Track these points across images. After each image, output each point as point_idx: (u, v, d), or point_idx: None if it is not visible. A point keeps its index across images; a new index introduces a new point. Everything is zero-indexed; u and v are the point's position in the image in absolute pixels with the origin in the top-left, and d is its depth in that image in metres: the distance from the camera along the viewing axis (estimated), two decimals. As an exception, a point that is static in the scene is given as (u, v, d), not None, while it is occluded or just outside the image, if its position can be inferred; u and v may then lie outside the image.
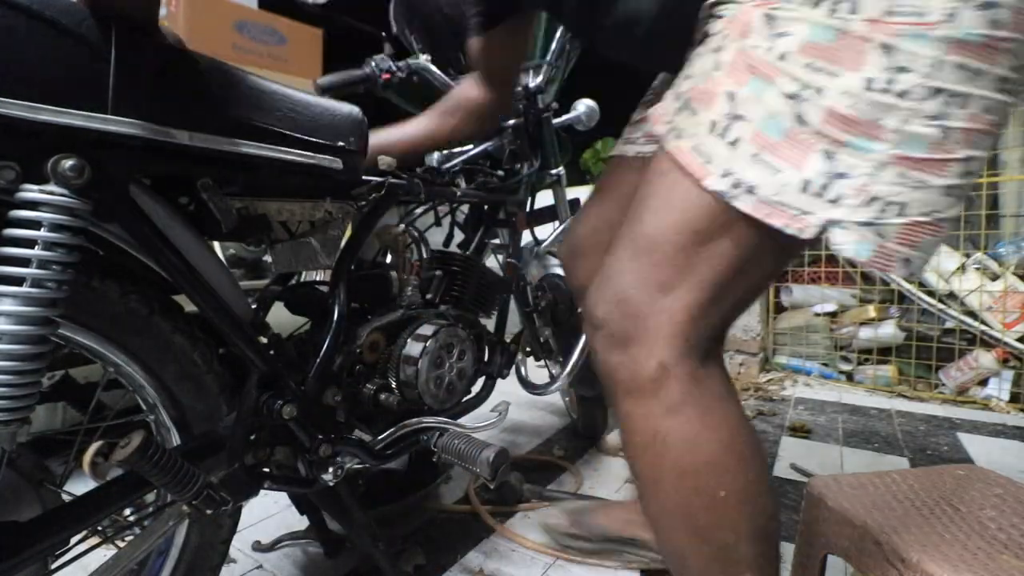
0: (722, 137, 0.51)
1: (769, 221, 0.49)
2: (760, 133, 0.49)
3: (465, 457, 0.81)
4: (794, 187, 0.48)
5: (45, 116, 0.48)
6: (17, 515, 0.61)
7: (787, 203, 0.48)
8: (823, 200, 0.47)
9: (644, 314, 0.54)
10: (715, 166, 0.51)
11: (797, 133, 0.47)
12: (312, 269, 0.90)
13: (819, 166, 0.47)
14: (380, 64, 1.13)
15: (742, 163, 0.50)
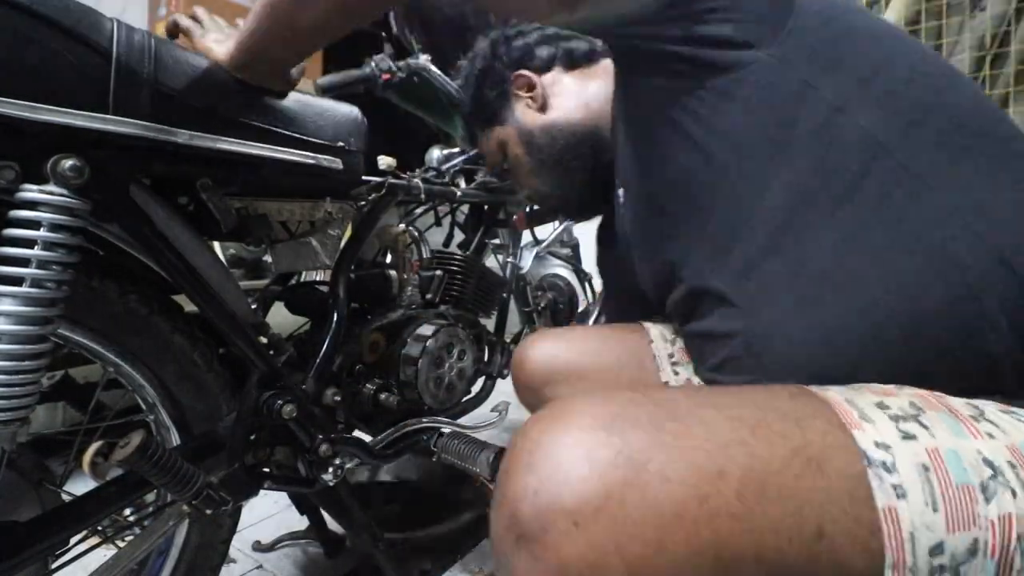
0: (895, 422, 0.37)
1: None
2: (940, 456, 0.35)
3: (465, 457, 0.81)
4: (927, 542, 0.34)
5: (45, 116, 0.48)
6: (17, 515, 0.61)
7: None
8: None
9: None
10: (871, 427, 0.37)
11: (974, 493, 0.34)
12: (312, 269, 0.90)
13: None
14: (380, 64, 1.12)
15: (905, 462, 0.35)
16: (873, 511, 0.34)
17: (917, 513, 0.34)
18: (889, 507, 0.34)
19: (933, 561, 0.34)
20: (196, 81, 0.59)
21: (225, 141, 0.60)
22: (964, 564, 0.34)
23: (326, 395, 0.78)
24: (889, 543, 0.33)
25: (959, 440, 0.36)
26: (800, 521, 0.33)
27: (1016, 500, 0.34)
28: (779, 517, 0.33)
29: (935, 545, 0.34)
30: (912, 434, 0.36)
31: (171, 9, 1.91)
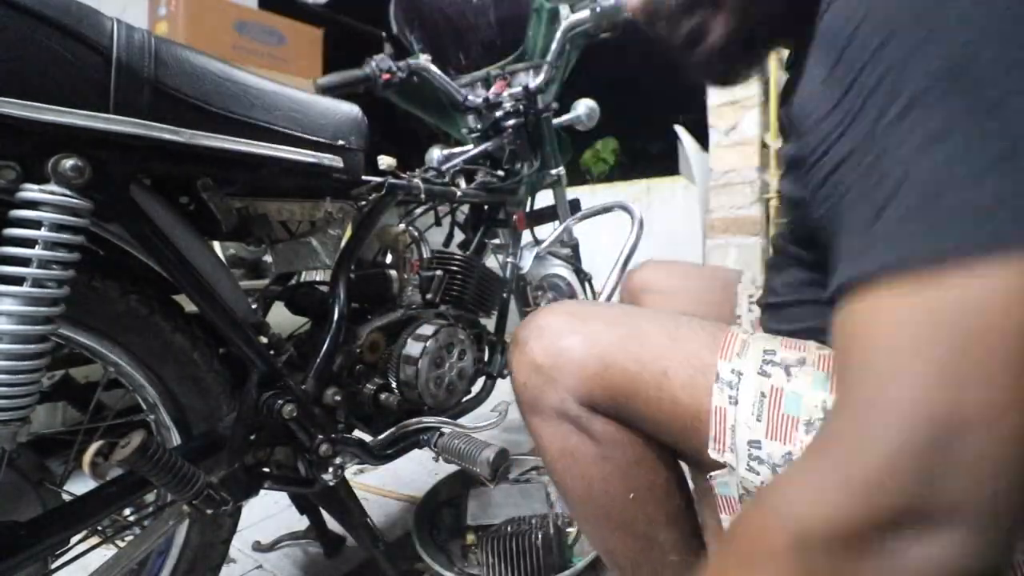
0: (764, 363, 0.51)
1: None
2: (781, 392, 0.50)
3: (465, 457, 0.81)
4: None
5: (46, 116, 0.48)
6: (17, 515, 0.61)
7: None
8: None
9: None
10: (738, 360, 0.52)
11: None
12: (312, 269, 0.90)
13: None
14: (380, 64, 1.12)
15: (749, 386, 0.51)
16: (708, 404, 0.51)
17: (742, 414, 0.49)
18: (720, 407, 0.50)
19: (752, 451, 0.48)
20: (197, 80, 0.59)
21: (226, 140, 0.60)
22: (781, 467, 0.47)
23: (326, 395, 0.78)
24: (713, 422, 0.50)
25: (812, 391, 0.47)
26: (655, 359, 0.54)
27: None
28: (645, 353, 0.55)
29: (754, 440, 0.48)
30: (768, 373, 0.50)
31: (171, 9, 1.91)
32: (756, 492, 0.50)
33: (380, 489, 1.39)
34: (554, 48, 1.26)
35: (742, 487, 0.50)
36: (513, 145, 1.23)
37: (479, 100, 1.27)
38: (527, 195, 1.34)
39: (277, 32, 2.14)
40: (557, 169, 1.41)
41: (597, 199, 1.46)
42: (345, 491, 0.85)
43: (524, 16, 1.35)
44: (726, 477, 0.51)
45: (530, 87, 1.26)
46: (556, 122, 1.39)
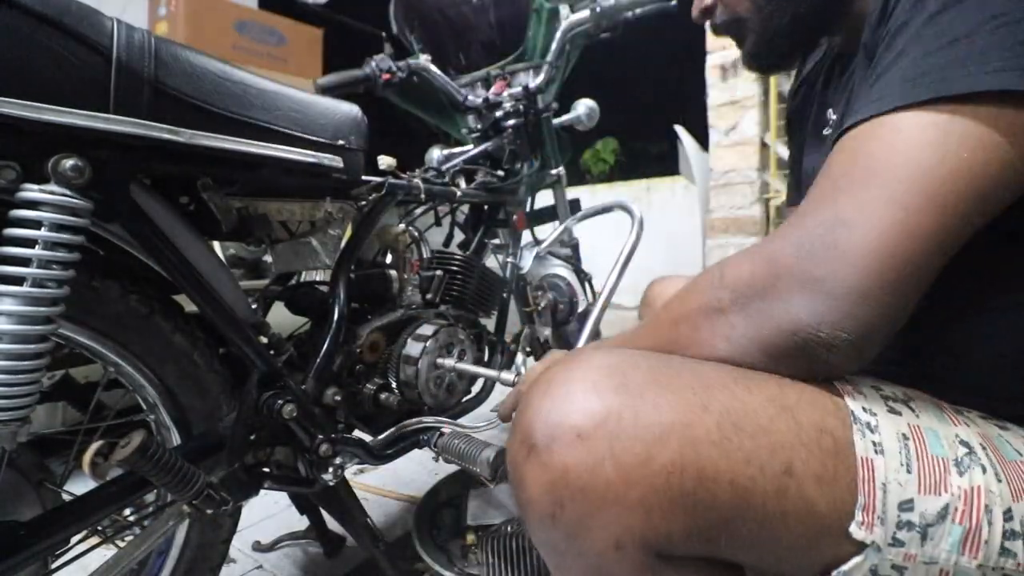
0: (884, 400, 0.43)
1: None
2: (920, 430, 0.41)
3: (465, 457, 0.81)
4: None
5: (46, 116, 0.47)
6: (17, 515, 0.61)
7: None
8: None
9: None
10: (861, 398, 0.42)
11: None
12: (312, 269, 0.90)
13: None
14: (380, 64, 1.12)
15: (888, 428, 0.40)
16: (849, 459, 0.39)
17: (892, 470, 0.38)
18: (866, 458, 0.39)
19: (902, 516, 0.38)
20: (197, 80, 0.59)
21: (226, 140, 0.60)
22: (933, 526, 0.38)
23: (326, 395, 0.78)
24: (862, 487, 0.38)
25: (940, 424, 0.41)
26: (771, 455, 0.38)
27: (985, 475, 0.38)
28: (752, 449, 0.37)
29: (905, 500, 0.38)
30: (898, 411, 0.42)
31: (171, 9, 1.91)
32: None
33: (380, 489, 1.39)
34: (554, 48, 1.26)
35: (872, 572, 0.38)
36: (513, 145, 1.23)
37: (479, 100, 1.27)
38: (527, 195, 1.34)
39: (277, 32, 2.14)
40: (557, 169, 1.41)
41: (597, 199, 1.46)
42: (345, 491, 0.85)
43: (524, 16, 1.35)
44: (858, 567, 0.38)
45: (530, 87, 1.26)
46: (556, 122, 1.39)
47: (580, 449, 0.37)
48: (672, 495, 0.36)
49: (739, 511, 0.37)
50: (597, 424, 0.37)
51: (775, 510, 0.37)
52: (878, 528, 0.38)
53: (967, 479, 0.38)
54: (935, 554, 0.38)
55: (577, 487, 0.36)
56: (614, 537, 0.37)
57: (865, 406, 0.41)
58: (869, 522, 0.38)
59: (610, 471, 0.36)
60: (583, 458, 0.36)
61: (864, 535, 0.38)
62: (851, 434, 0.39)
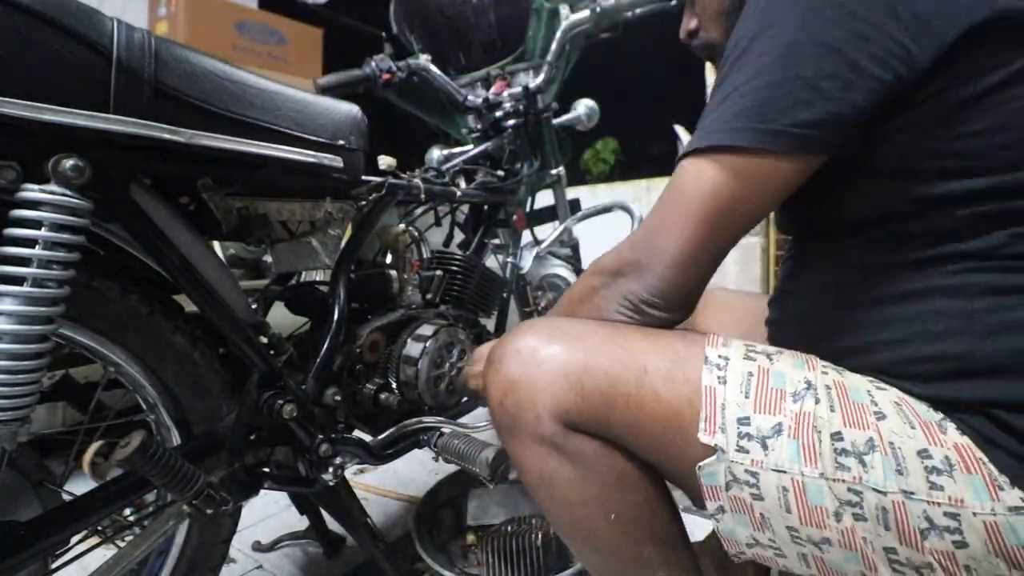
0: (747, 349, 0.55)
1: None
2: (767, 371, 0.53)
3: (465, 457, 0.81)
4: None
5: (46, 116, 0.48)
6: (17, 515, 0.61)
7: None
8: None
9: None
10: (724, 348, 0.55)
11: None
12: (312, 269, 0.90)
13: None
14: (380, 64, 1.12)
15: (736, 368, 0.53)
16: (696, 383, 0.52)
17: (732, 393, 0.52)
18: (710, 386, 0.52)
19: (741, 428, 0.50)
20: (197, 80, 0.59)
21: (226, 140, 0.60)
22: (770, 439, 0.49)
23: (326, 395, 0.78)
24: (704, 403, 0.52)
25: (793, 370, 0.53)
26: (634, 358, 0.55)
27: (817, 405, 0.49)
28: (622, 354, 0.55)
29: (743, 416, 0.51)
30: (753, 358, 0.54)
31: (171, 9, 1.91)
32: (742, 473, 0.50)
33: (380, 489, 1.39)
34: (554, 48, 1.26)
35: (729, 472, 0.50)
36: (513, 145, 1.23)
37: (479, 100, 1.27)
38: (527, 195, 1.34)
39: (277, 32, 2.14)
40: (557, 169, 1.41)
41: (597, 199, 1.46)
42: (345, 491, 0.85)
43: (524, 16, 1.35)
44: (713, 466, 0.51)
45: (530, 87, 1.26)
46: (556, 122, 1.39)
47: (518, 360, 0.56)
48: (569, 381, 0.54)
49: (611, 393, 0.54)
50: (530, 347, 0.57)
51: (635, 395, 0.53)
52: (720, 435, 0.51)
53: (798, 405, 0.50)
54: (779, 462, 0.49)
55: (513, 380, 0.56)
56: (535, 411, 0.55)
57: (721, 353, 0.55)
58: (711, 430, 0.51)
59: (534, 370, 0.55)
60: (518, 366, 0.56)
61: (708, 439, 0.51)
62: (700, 370, 0.53)
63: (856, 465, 0.47)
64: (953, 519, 0.44)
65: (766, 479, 0.49)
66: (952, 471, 0.45)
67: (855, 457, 0.47)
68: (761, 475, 0.49)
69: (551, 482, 0.56)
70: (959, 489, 0.44)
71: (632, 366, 0.54)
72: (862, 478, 0.46)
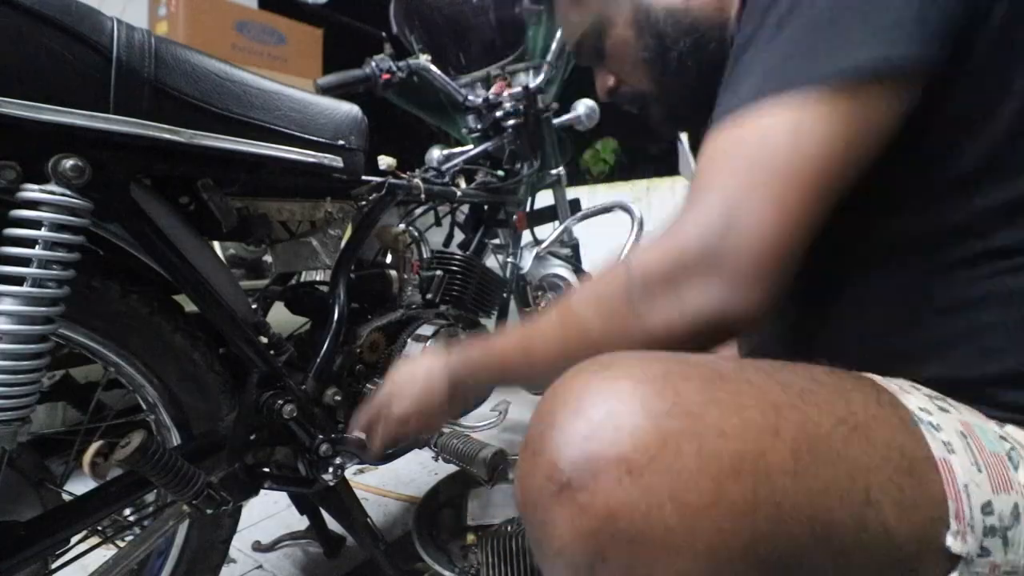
0: (929, 398, 0.41)
1: None
2: (971, 427, 0.39)
3: (463, 457, 0.81)
4: None
5: (46, 116, 0.48)
6: (17, 515, 0.61)
7: None
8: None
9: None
10: (913, 398, 0.39)
11: None
12: (312, 269, 0.90)
13: None
14: (380, 64, 1.12)
15: (948, 426, 0.38)
16: (927, 465, 0.35)
17: (966, 469, 0.35)
18: (943, 459, 0.35)
19: (986, 520, 0.35)
20: (197, 80, 0.59)
21: (226, 140, 0.60)
22: (1011, 529, 0.35)
23: (326, 395, 0.78)
24: (949, 490, 0.35)
25: (978, 418, 0.40)
26: (850, 484, 0.33)
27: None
28: (831, 478, 0.33)
29: (986, 503, 0.35)
30: (946, 408, 0.40)
31: (171, 9, 1.91)
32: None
33: (380, 489, 1.39)
34: (554, 48, 1.26)
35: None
36: (513, 145, 1.23)
37: (479, 100, 1.27)
38: (527, 195, 1.34)
39: (277, 32, 2.14)
40: (557, 169, 1.41)
41: (597, 199, 1.46)
42: (345, 491, 0.85)
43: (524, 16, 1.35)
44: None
45: (530, 87, 1.26)
46: (556, 122, 1.39)
47: (631, 488, 0.30)
48: (744, 539, 0.30)
49: (817, 548, 0.33)
50: (652, 457, 0.30)
51: (854, 543, 0.33)
52: (970, 537, 0.34)
53: (1022, 473, 0.36)
54: (1016, 560, 0.35)
55: (627, 535, 0.30)
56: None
57: (921, 406, 0.38)
58: (963, 531, 0.34)
59: (670, 515, 0.30)
60: (635, 500, 0.30)
61: (960, 547, 0.34)
62: (923, 437, 0.36)
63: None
64: None
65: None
66: None
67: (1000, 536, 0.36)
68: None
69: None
70: None
71: (849, 498, 0.33)
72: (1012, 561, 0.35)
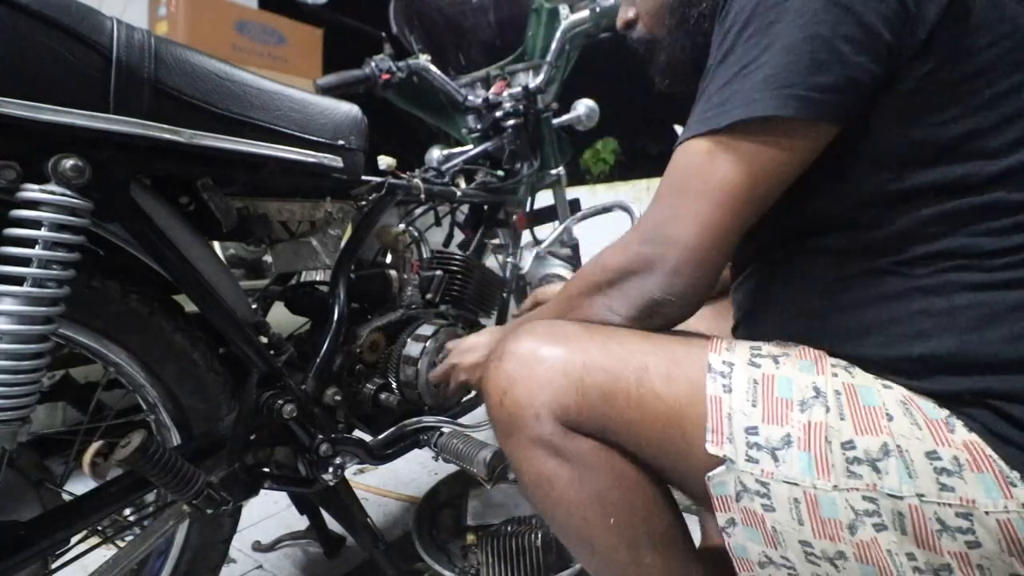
0: (751, 355, 0.54)
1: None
2: (772, 379, 0.52)
3: (462, 457, 0.81)
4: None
5: (46, 116, 0.48)
6: (17, 515, 0.61)
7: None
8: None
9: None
10: (727, 354, 0.54)
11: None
12: (312, 269, 0.90)
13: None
14: (380, 64, 1.12)
15: (741, 375, 0.52)
16: (699, 393, 0.52)
17: (738, 402, 0.50)
18: (714, 396, 0.51)
19: (749, 437, 0.49)
20: (197, 80, 0.59)
21: (226, 140, 0.60)
22: (780, 450, 0.48)
23: (326, 395, 0.78)
24: (710, 413, 0.50)
25: (800, 374, 0.51)
26: (632, 355, 0.54)
27: (828, 414, 0.48)
28: (622, 353, 0.54)
29: (751, 426, 0.49)
30: (758, 364, 0.53)
31: (171, 10, 1.91)
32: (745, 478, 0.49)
33: (380, 489, 1.39)
34: (554, 48, 1.26)
35: (739, 483, 0.49)
36: (513, 145, 1.23)
37: (479, 100, 1.27)
38: (527, 195, 1.34)
39: (277, 32, 2.14)
40: (557, 169, 1.41)
41: (597, 199, 1.46)
42: (345, 491, 0.85)
43: (524, 16, 1.35)
44: (723, 476, 0.50)
45: (530, 87, 1.26)
46: (556, 122, 1.39)
47: (516, 360, 0.56)
48: (569, 379, 0.53)
49: (611, 391, 0.53)
50: (530, 348, 0.56)
51: (635, 394, 0.53)
52: (728, 445, 0.50)
53: (807, 416, 0.48)
54: (790, 474, 0.48)
55: (512, 379, 0.55)
56: (534, 409, 0.54)
57: (725, 359, 0.53)
58: (718, 440, 0.50)
59: (533, 370, 0.55)
60: (517, 365, 0.56)
61: (716, 450, 0.50)
62: (703, 372, 0.52)
63: (870, 472, 0.46)
64: (965, 519, 0.43)
65: (777, 490, 0.48)
66: (962, 471, 0.44)
67: (868, 464, 0.46)
68: (772, 486, 0.48)
69: (549, 482, 0.55)
70: (970, 489, 0.44)
71: (632, 364, 0.53)
72: (877, 485, 0.45)
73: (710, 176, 0.50)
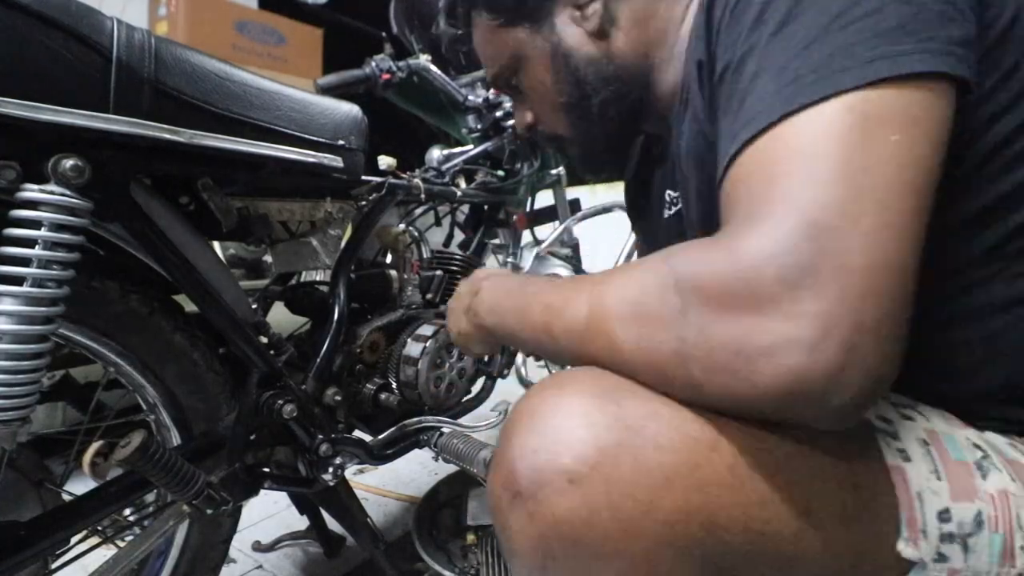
0: (894, 406, 0.40)
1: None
2: (938, 435, 0.39)
3: (462, 457, 0.81)
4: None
5: (46, 116, 0.47)
6: (17, 515, 0.61)
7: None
8: None
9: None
10: (873, 407, 0.39)
11: None
12: (312, 269, 0.90)
13: None
14: (380, 64, 1.12)
15: (908, 434, 0.39)
16: (877, 471, 0.36)
17: (923, 477, 0.36)
18: (896, 466, 0.36)
19: (942, 527, 0.35)
20: (197, 80, 0.59)
21: (226, 140, 0.60)
22: (972, 536, 0.35)
23: (326, 395, 0.78)
24: (902, 497, 0.35)
25: (951, 427, 0.40)
26: (787, 496, 0.34)
27: (1014, 483, 0.37)
28: (766, 492, 0.33)
29: (943, 509, 0.36)
30: (910, 416, 0.40)
31: (171, 10, 1.91)
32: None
33: (380, 489, 1.39)
34: (554, 48, 1.25)
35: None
36: (513, 145, 1.23)
37: (479, 100, 1.27)
38: (527, 195, 1.34)
39: (277, 32, 2.14)
40: (557, 169, 1.41)
41: (597, 199, 1.46)
42: (345, 491, 0.85)
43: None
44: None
45: (530, 87, 1.25)
46: (556, 122, 1.39)
47: (572, 497, 0.32)
48: (678, 545, 0.32)
49: (755, 556, 0.34)
50: (592, 466, 0.32)
51: (793, 552, 0.34)
52: (923, 543, 0.35)
53: (992, 483, 0.36)
54: (978, 567, 0.36)
55: (570, 540, 0.32)
56: None
57: (879, 414, 0.39)
58: (915, 537, 0.35)
59: (607, 521, 0.32)
60: (576, 508, 0.32)
61: (912, 552, 0.35)
62: (877, 443, 0.37)
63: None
64: None
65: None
66: None
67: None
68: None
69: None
70: None
71: (787, 510, 0.34)
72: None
73: (882, 151, 0.31)
